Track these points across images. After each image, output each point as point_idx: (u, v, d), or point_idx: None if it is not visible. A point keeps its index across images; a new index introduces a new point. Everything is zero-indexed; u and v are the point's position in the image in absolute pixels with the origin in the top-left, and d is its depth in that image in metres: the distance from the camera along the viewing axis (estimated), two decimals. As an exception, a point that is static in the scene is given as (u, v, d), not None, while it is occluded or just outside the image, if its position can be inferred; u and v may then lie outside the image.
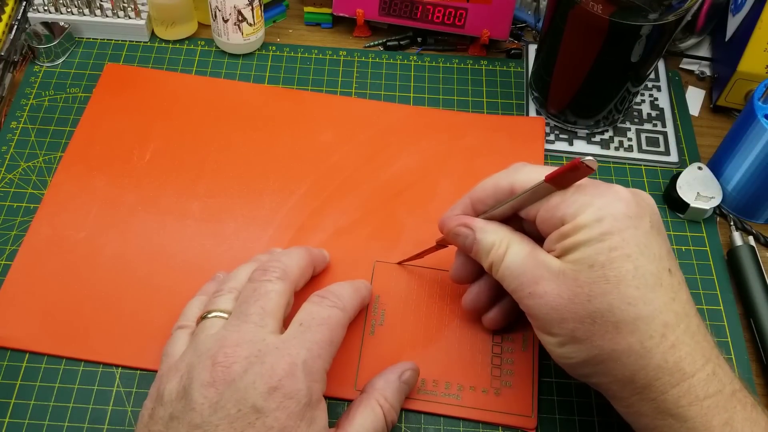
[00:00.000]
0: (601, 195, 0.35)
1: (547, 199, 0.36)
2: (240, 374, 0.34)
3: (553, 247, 0.36)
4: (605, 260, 0.33)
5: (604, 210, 0.34)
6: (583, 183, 0.36)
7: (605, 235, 0.34)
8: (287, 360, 0.35)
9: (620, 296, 0.33)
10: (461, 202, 0.41)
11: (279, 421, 0.34)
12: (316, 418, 0.35)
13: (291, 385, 0.34)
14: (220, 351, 0.35)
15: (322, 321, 0.38)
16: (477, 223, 0.39)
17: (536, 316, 0.36)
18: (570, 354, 0.35)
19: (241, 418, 0.34)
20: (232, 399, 0.34)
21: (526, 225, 0.39)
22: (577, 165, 0.34)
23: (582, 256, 0.34)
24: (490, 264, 0.38)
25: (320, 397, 0.36)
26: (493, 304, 0.44)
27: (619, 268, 0.33)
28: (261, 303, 0.38)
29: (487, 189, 0.39)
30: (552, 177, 0.35)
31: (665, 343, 0.33)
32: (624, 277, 0.33)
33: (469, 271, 0.43)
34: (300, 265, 0.42)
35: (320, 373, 0.36)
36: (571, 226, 0.35)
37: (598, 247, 0.34)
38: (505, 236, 0.38)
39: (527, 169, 0.38)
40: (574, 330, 0.34)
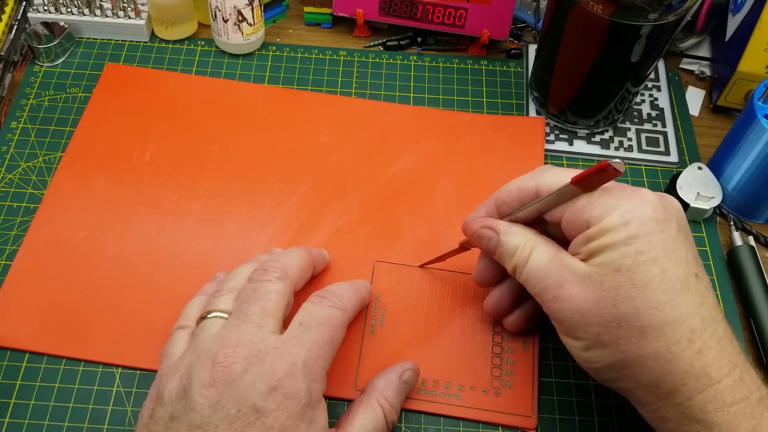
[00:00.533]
0: (627, 198, 0.34)
1: (573, 201, 0.36)
2: (240, 374, 0.34)
3: (579, 251, 0.35)
4: (632, 264, 0.33)
5: (630, 213, 0.34)
6: (609, 186, 0.35)
7: (632, 239, 0.33)
8: (287, 360, 0.35)
9: (647, 300, 0.33)
10: (485, 204, 0.41)
11: (279, 421, 0.34)
12: (316, 418, 0.35)
13: (291, 385, 0.34)
14: (220, 351, 0.35)
15: (322, 321, 0.38)
16: (501, 225, 0.39)
17: (560, 319, 0.36)
18: (595, 358, 0.35)
19: (241, 418, 0.34)
20: (232, 399, 0.34)
21: (551, 228, 0.39)
22: (604, 167, 0.33)
23: (608, 260, 0.34)
24: (514, 267, 0.38)
25: (320, 397, 0.36)
26: (516, 307, 0.43)
27: (646, 272, 0.33)
28: (261, 303, 0.38)
29: (512, 191, 0.39)
30: (578, 179, 0.35)
31: (692, 348, 0.33)
32: (651, 281, 0.33)
33: (493, 274, 0.43)
34: (300, 265, 0.42)
35: (320, 373, 0.36)
36: (597, 229, 0.34)
37: (625, 250, 0.33)
38: (530, 239, 0.38)
39: (553, 172, 0.38)
40: (599, 334, 0.34)
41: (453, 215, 0.50)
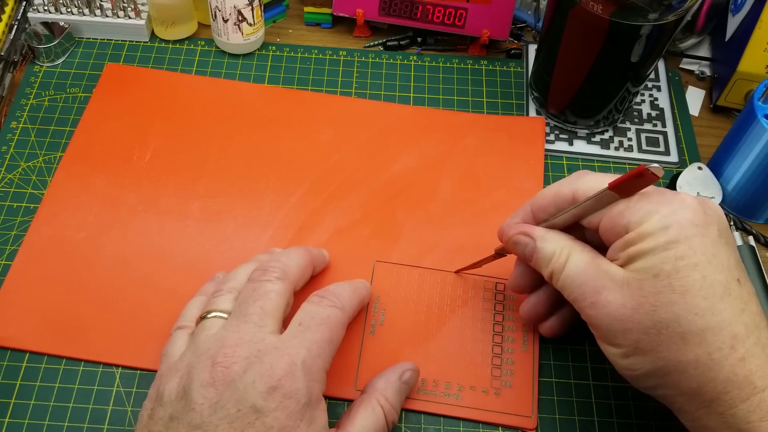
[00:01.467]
0: (667, 203, 0.34)
1: (611, 207, 0.35)
2: (239, 374, 0.34)
3: (617, 256, 0.35)
4: (671, 269, 0.33)
5: (670, 218, 0.33)
6: (647, 190, 0.35)
7: (671, 244, 0.33)
8: (286, 360, 0.35)
9: (687, 306, 0.32)
10: (521, 210, 0.41)
11: (279, 421, 0.34)
12: (316, 418, 0.35)
13: (290, 385, 0.34)
14: (220, 351, 0.35)
15: (322, 321, 0.38)
16: (537, 231, 0.39)
17: (598, 326, 0.35)
18: (634, 365, 0.35)
19: (240, 418, 0.34)
20: (231, 399, 0.34)
21: (588, 234, 0.38)
22: (642, 172, 0.33)
23: (647, 265, 0.33)
24: (551, 273, 0.38)
25: (320, 397, 0.36)
26: (552, 313, 0.43)
27: (686, 278, 0.32)
28: (260, 303, 0.38)
29: (548, 197, 0.39)
30: (616, 184, 0.34)
31: (734, 355, 0.32)
32: (691, 286, 0.32)
33: (529, 281, 0.42)
34: (300, 265, 0.42)
35: (320, 373, 0.36)
36: (636, 234, 0.34)
37: (664, 255, 0.33)
38: (566, 245, 0.37)
39: (589, 177, 0.37)
40: (639, 341, 0.34)
41: (453, 215, 0.50)
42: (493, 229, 0.49)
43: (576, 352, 0.45)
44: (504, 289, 0.47)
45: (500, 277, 0.47)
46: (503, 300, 0.47)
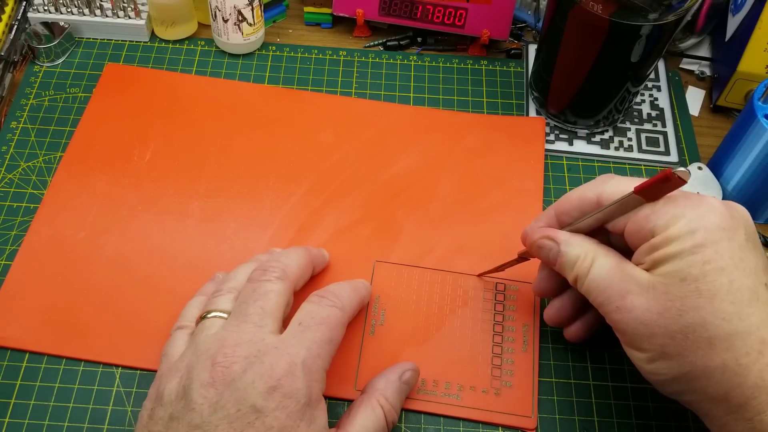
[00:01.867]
0: (693, 206, 0.34)
1: (636, 211, 0.35)
2: (239, 374, 0.34)
3: (643, 260, 0.35)
4: (698, 273, 0.32)
5: (696, 222, 0.33)
6: (674, 194, 0.35)
7: (698, 248, 0.33)
8: (286, 359, 0.35)
9: (714, 311, 0.32)
10: (545, 214, 0.41)
11: (279, 421, 0.34)
12: (316, 418, 0.35)
13: (290, 385, 0.34)
14: (220, 351, 0.35)
15: (321, 320, 0.38)
16: (561, 235, 0.39)
17: (624, 330, 0.35)
18: (660, 370, 0.34)
19: (240, 418, 0.34)
20: (231, 399, 0.34)
21: (614, 238, 0.38)
22: (668, 176, 0.33)
23: (673, 269, 0.33)
24: (575, 277, 0.37)
25: (320, 397, 0.36)
26: (577, 318, 0.43)
27: (713, 282, 0.32)
28: (260, 303, 0.38)
29: (572, 200, 0.39)
30: (641, 188, 0.34)
31: (762, 360, 0.32)
32: (718, 291, 0.32)
33: (553, 285, 0.42)
34: (299, 264, 0.42)
35: (320, 373, 0.36)
36: (662, 238, 0.34)
37: (691, 259, 0.33)
38: (591, 249, 0.37)
39: (615, 181, 0.37)
40: (665, 345, 0.33)
41: (453, 215, 0.50)
42: (493, 229, 0.50)
43: (576, 352, 0.45)
44: (504, 289, 0.47)
45: (500, 278, 0.47)
46: (503, 300, 0.47)
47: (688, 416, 0.43)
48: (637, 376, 0.44)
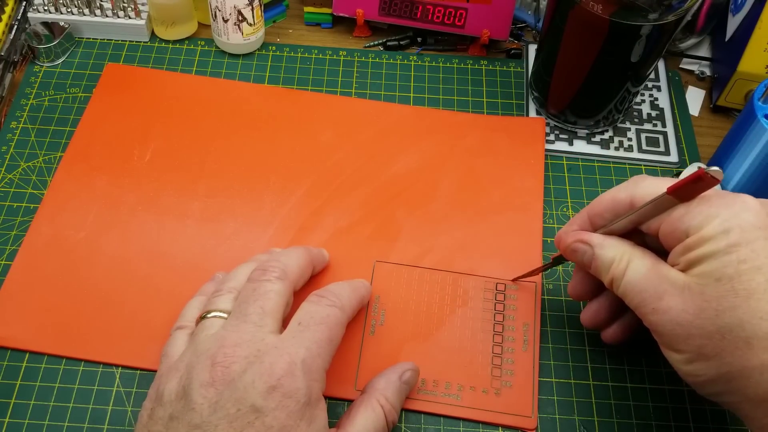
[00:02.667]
0: (727, 206, 0.33)
1: (670, 211, 0.35)
2: (239, 374, 0.34)
3: (678, 261, 0.34)
4: (734, 273, 0.32)
5: (731, 221, 0.33)
6: (707, 194, 0.34)
7: (733, 247, 0.32)
8: (286, 359, 0.35)
9: (751, 310, 0.32)
10: (578, 217, 0.41)
11: (278, 420, 0.34)
12: (316, 417, 0.35)
13: (290, 384, 0.34)
14: (220, 351, 0.35)
15: (321, 320, 0.38)
16: (595, 238, 0.39)
17: (661, 332, 0.35)
18: (698, 371, 0.34)
19: (240, 418, 0.34)
20: (231, 399, 0.34)
21: (648, 239, 0.38)
22: (701, 176, 0.32)
23: (708, 269, 0.33)
24: (611, 280, 0.37)
25: (320, 396, 0.36)
26: (614, 320, 0.43)
27: (750, 281, 0.32)
28: (260, 303, 0.38)
29: (605, 203, 0.38)
30: (674, 189, 0.34)
31: None
32: (755, 290, 0.32)
33: (588, 288, 0.42)
34: (299, 264, 0.42)
35: (319, 372, 0.36)
36: (697, 238, 0.33)
37: (726, 259, 0.32)
38: (626, 251, 0.37)
39: (647, 182, 0.37)
40: (702, 346, 0.33)
41: (453, 215, 0.50)
42: (493, 229, 0.50)
43: (576, 352, 0.45)
44: (504, 289, 0.47)
45: (500, 278, 0.47)
46: (503, 300, 0.47)
47: (688, 416, 0.43)
48: (637, 376, 0.45)
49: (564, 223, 0.51)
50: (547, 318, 0.47)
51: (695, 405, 0.44)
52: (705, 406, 0.44)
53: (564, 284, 0.48)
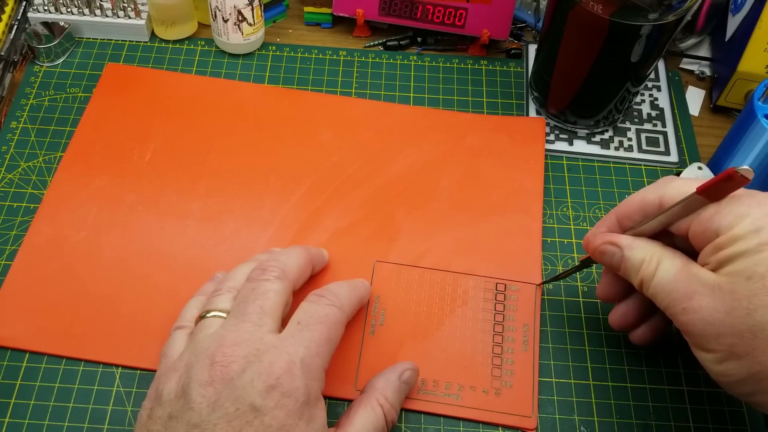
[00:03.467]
0: (758, 204, 0.33)
1: (700, 211, 0.35)
2: (238, 373, 0.34)
3: (708, 261, 0.34)
4: (765, 271, 0.32)
5: (762, 220, 0.32)
6: (738, 193, 0.34)
7: (764, 245, 0.32)
8: (285, 358, 0.35)
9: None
10: (606, 219, 0.40)
11: (277, 420, 0.34)
12: (315, 417, 0.35)
13: (289, 383, 0.34)
14: (219, 350, 0.35)
15: (320, 319, 0.38)
16: (624, 240, 0.38)
17: (691, 332, 0.34)
18: (730, 371, 0.34)
19: (239, 417, 0.34)
20: (230, 398, 0.34)
21: (678, 240, 0.37)
22: (731, 175, 0.32)
23: (739, 268, 0.32)
24: (641, 281, 0.37)
25: (319, 396, 0.36)
26: (642, 321, 0.42)
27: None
28: (259, 302, 0.38)
29: (634, 204, 0.38)
30: (704, 188, 0.34)
31: None
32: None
33: (617, 290, 0.42)
34: (299, 264, 0.42)
35: (318, 372, 0.36)
36: (727, 237, 0.33)
37: (757, 258, 0.32)
38: (656, 252, 0.37)
39: (676, 183, 0.36)
40: (733, 345, 0.33)
41: (453, 215, 0.50)
42: (493, 229, 0.50)
43: (576, 352, 0.45)
44: (504, 289, 0.47)
45: (500, 278, 0.47)
46: (503, 300, 0.47)
47: (688, 416, 0.43)
48: (637, 376, 0.45)
49: (564, 223, 0.51)
50: (547, 318, 0.47)
51: (695, 405, 0.44)
52: (705, 406, 0.44)
53: (564, 284, 0.48)
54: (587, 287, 0.48)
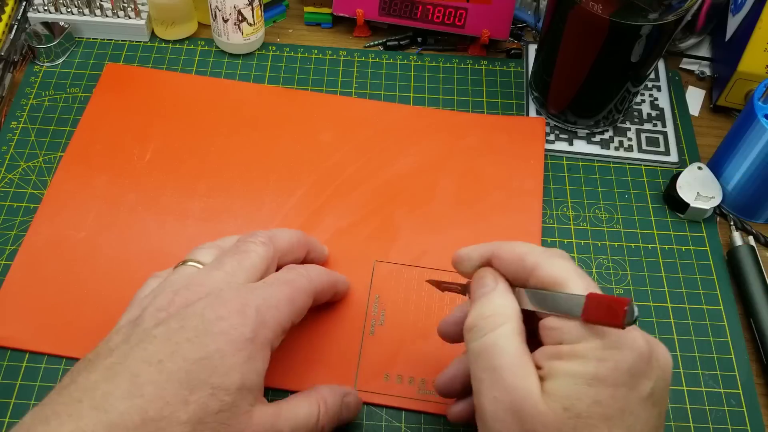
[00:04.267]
0: (615, 333, 0.30)
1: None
2: (194, 302, 0.35)
3: (543, 365, 0.31)
4: (582, 411, 0.29)
5: (609, 353, 0.30)
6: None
7: (595, 382, 0.30)
8: (241, 301, 0.35)
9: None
10: (484, 248, 0.37)
11: (217, 344, 0.33)
12: (254, 358, 0.34)
13: (237, 319, 0.34)
14: (184, 287, 0.36)
15: (286, 281, 0.38)
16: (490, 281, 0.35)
17: (484, 419, 0.32)
18: None
19: (180, 333, 0.33)
20: (178, 318, 0.34)
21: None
22: (619, 325, 0.29)
23: (562, 393, 0.30)
24: (471, 327, 0.33)
25: (266, 345, 0.35)
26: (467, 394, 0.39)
27: (592, 428, 0.29)
28: (238, 258, 0.38)
29: (514, 256, 0.35)
30: (588, 319, 0.30)
31: None
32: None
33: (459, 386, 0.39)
34: (290, 239, 0.42)
35: (273, 324, 0.36)
36: (569, 350, 0.30)
37: (583, 391, 0.30)
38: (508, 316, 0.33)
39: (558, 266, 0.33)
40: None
41: (453, 215, 0.50)
42: (493, 229, 0.50)
43: (576, 352, 0.45)
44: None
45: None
46: (503, 300, 0.47)
47: (688, 416, 0.43)
48: (637, 376, 0.44)
49: (564, 223, 0.51)
50: (547, 318, 0.47)
51: (695, 405, 0.44)
52: (705, 406, 0.44)
53: (564, 284, 0.48)
54: (587, 287, 0.48)
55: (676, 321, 0.47)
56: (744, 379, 0.45)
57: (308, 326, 0.44)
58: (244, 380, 0.33)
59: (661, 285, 0.49)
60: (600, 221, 0.52)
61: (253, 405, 0.34)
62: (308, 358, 0.44)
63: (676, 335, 0.46)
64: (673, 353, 0.45)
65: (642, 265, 0.49)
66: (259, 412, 0.35)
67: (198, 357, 0.33)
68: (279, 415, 0.36)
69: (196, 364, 0.33)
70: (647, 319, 0.47)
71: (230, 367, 0.33)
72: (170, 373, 0.32)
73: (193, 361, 0.33)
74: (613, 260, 0.50)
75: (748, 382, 0.44)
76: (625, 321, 0.29)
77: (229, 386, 0.33)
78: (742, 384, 0.44)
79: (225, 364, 0.33)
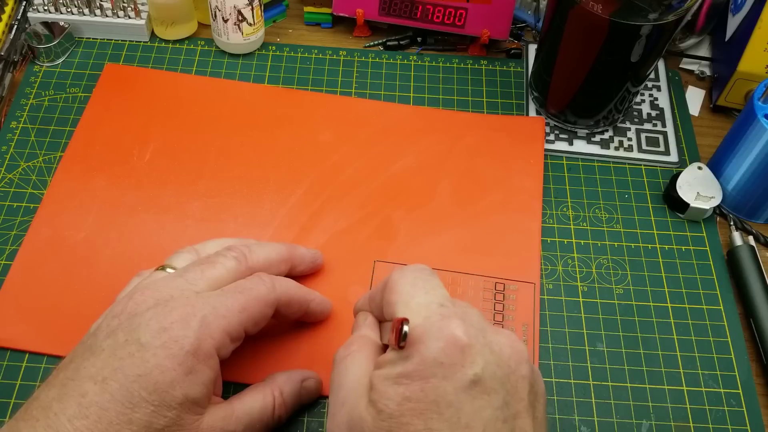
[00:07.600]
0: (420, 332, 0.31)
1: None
2: (143, 311, 0.35)
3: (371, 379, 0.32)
4: (393, 412, 0.29)
5: (413, 348, 0.30)
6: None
7: (403, 378, 0.30)
8: (187, 310, 0.35)
9: None
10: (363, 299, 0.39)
11: (157, 358, 0.34)
12: (197, 371, 0.34)
13: (179, 330, 0.34)
14: (141, 291, 0.36)
15: (242, 289, 0.38)
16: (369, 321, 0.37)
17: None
18: None
19: (124, 347, 0.34)
20: (125, 329, 0.35)
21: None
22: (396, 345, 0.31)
23: (376, 397, 0.30)
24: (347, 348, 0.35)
25: (211, 355, 0.35)
26: None
27: (407, 427, 0.29)
28: (203, 267, 0.39)
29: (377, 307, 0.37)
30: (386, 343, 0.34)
31: None
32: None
33: None
34: (268, 256, 0.42)
35: (219, 333, 0.36)
36: (381, 358, 0.32)
37: (392, 390, 0.30)
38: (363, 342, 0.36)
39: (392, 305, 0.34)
40: None
41: (453, 215, 0.50)
42: (492, 229, 0.50)
43: (576, 352, 0.45)
44: (504, 288, 0.47)
45: (499, 277, 0.47)
46: (502, 300, 0.47)
47: (688, 416, 0.43)
48: (637, 376, 0.45)
49: (563, 223, 0.51)
50: (547, 318, 0.47)
51: (695, 405, 0.44)
52: (705, 406, 0.44)
53: (564, 284, 0.48)
54: (587, 287, 0.48)
55: (675, 321, 0.47)
56: (744, 379, 0.45)
57: (308, 327, 0.44)
58: (187, 394, 0.34)
59: (660, 285, 0.49)
60: (600, 221, 0.52)
61: (201, 414, 0.35)
62: (308, 358, 0.44)
63: (676, 335, 0.46)
64: (673, 353, 0.45)
65: (642, 265, 0.49)
66: (209, 418, 0.35)
67: (138, 374, 0.33)
68: (231, 416, 0.36)
69: (136, 381, 0.33)
70: (647, 319, 0.47)
71: (171, 383, 0.33)
72: (113, 393, 0.33)
73: (133, 378, 0.33)
74: (613, 260, 0.50)
75: (748, 382, 0.45)
76: (399, 339, 0.30)
77: (170, 402, 0.33)
78: (742, 384, 0.44)
79: (165, 380, 0.33)
